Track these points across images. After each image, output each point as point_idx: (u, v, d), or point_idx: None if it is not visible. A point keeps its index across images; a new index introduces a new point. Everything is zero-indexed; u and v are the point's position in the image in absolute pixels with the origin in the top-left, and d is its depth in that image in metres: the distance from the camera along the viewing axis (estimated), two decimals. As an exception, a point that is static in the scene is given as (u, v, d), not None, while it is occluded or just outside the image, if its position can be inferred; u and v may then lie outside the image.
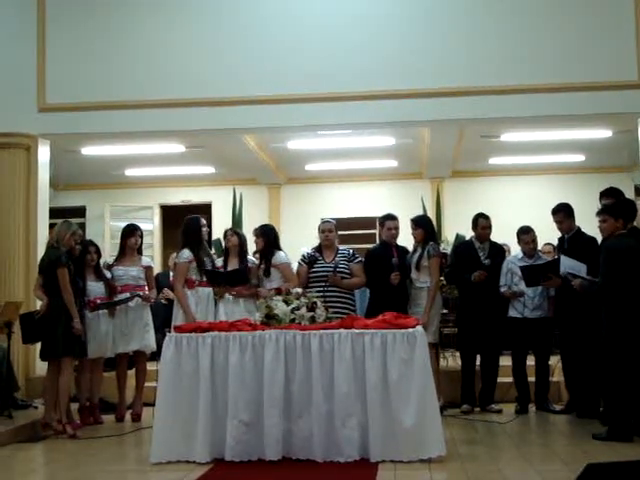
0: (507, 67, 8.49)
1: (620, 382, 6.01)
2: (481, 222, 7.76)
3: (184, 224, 7.63)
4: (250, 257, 7.68)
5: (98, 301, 7.44)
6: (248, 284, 7.28)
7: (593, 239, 7.15)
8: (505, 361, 7.95)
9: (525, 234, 7.66)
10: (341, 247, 7.68)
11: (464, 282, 7.68)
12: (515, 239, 7.82)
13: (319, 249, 7.47)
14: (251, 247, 7.88)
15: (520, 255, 7.70)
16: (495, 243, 7.89)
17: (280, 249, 7.50)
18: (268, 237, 7.44)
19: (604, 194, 7.07)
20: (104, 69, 8.88)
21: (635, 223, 6.48)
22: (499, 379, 7.74)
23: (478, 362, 7.77)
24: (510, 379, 7.72)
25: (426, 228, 7.64)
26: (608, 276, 6.16)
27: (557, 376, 7.77)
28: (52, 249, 7.10)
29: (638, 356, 5.98)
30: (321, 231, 7.47)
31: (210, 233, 7.72)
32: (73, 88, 8.86)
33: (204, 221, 7.62)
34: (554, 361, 7.76)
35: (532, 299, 7.52)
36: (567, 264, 6.83)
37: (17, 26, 9.01)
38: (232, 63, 8.75)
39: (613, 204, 6.52)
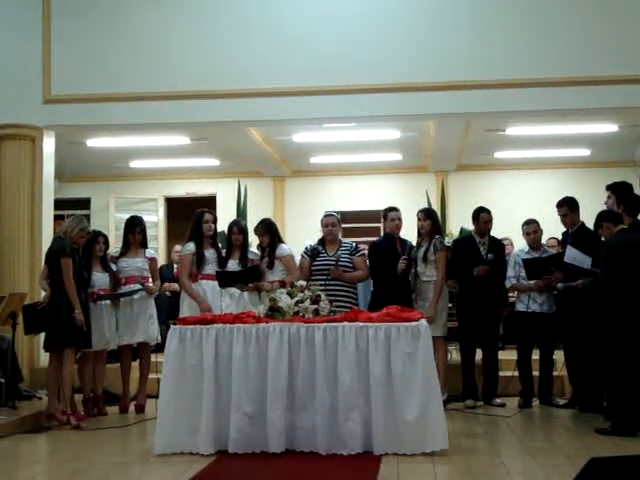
0: (513, 61, 8.47)
1: (623, 377, 6.01)
2: (483, 216, 7.75)
3: (193, 216, 7.64)
4: (252, 249, 7.69)
5: (101, 292, 7.45)
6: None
7: (597, 234, 7.14)
8: (508, 355, 7.95)
9: (526, 225, 7.70)
10: (344, 240, 7.69)
11: (465, 276, 7.67)
12: (519, 233, 7.84)
13: (322, 242, 7.46)
14: (253, 241, 7.90)
15: (526, 248, 7.72)
16: (495, 238, 7.88)
17: (282, 241, 7.51)
18: (272, 232, 7.45)
19: (608, 188, 7.07)
20: (109, 61, 8.88)
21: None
22: (500, 373, 7.74)
23: (479, 356, 7.78)
24: (511, 373, 7.71)
25: (435, 220, 7.66)
26: (607, 272, 6.17)
27: (561, 370, 7.76)
28: (58, 239, 7.12)
29: (639, 351, 5.98)
30: (324, 225, 7.45)
31: (215, 227, 7.66)
32: (78, 80, 8.86)
33: (209, 216, 7.56)
34: (558, 355, 7.76)
35: (539, 293, 7.52)
36: (572, 255, 6.84)
37: (23, 18, 9.00)
38: (237, 55, 8.74)
39: (599, 214, 6.51)
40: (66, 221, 7.29)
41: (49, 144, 9.07)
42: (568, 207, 7.41)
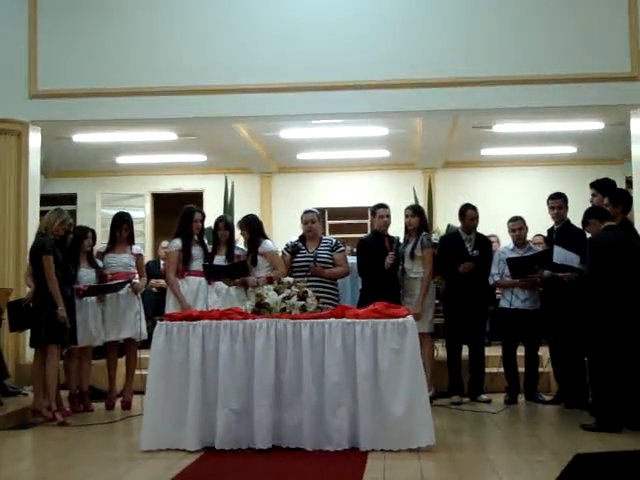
0: (500, 58, 8.50)
1: (608, 374, 6.04)
2: (469, 213, 7.77)
3: (181, 213, 7.64)
4: (239, 245, 7.70)
5: (85, 287, 7.41)
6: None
7: (581, 231, 7.18)
8: (494, 351, 7.98)
9: (512, 221, 7.72)
10: (325, 237, 7.71)
11: (451, 273, 7.68)
12: (506, 230, 7.86)
13: (303, 239, 7.48)
14: (240, 237, 7.90)
15: (511, 245, 7.74)
16: (481, 234, 7.90)
17: (266, 237, 7.51)
18: (252, 227, 7.46)
19: (592, 186, 7.12)
20: (96, 56, 8.84)
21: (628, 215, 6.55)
22: (486, 369, 7.76)
23: (465, 353, 7.80)
24: (497, 369, 7.73)
25: (422, 217, 7.69)
26: (592, 269, 6.20)
27: (546, 367, 7.79)
28: (39, 236, 7.07)
29: (624, 348, 6.02)
30: (304, 222, 7.46)
31: (203, 224, 7.66)
32: (65, 75, 8.83)
33: (199, 215, 7.58)
34: (543, 352, 7.79)
35: (523, 290, 7.54)
36: (560, 254, 6.87)
37: (9, 12, 8.95)
38: (225, 51, 8.73)
39: (587, 210, 6.56)
40: (45, 216, 7.22)
41: (35, 139, 9.02)
42: (563, 200, 7.46)
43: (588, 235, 6.67)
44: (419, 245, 7.48)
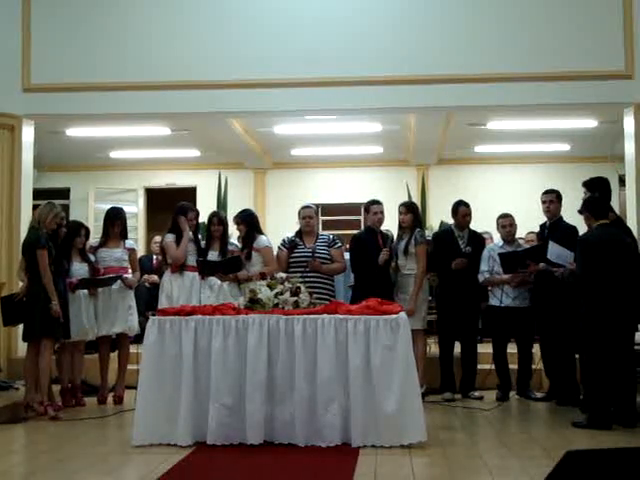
0: (494, 55, 8.50)
1: (599, 371, 6.06)
2: (462, 210, 7.79)
3: (175, 210, 7.63)
4: (233, 241, 7.70)
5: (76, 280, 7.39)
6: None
7: (574, 228, 7.20)
8: (486, 348, 7.99)
9: (502, 218, 7.74)
10: (322, 232, 7.71)
11: (444, 270, 7.69)
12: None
13: (299, 234, 7.48)
14: (234, 233, 7.90)
15: (501, 242, 7.75)
16: (474, 231, 7.91)
17: (262, 233, 7.52)
18: (249, 223, 7.47)
19: (584, 185, 7.13)
20: (89, 50, 8.82)
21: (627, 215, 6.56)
22: (479, 366, 7.78)
23: (457, 349, 7.81)
24: (489, 366, 7.75)
25: (416, 214, 7.70)
26: (583, 267, 6.21)
27: (538, 364, 7.81)
28: (32, 230, 7.05)
29: (614, 345, 6.04)
30: (302, 217, 7.48)
31: (197, 220, 7.66)
32: (58, 69, 8.80)
33: (193, 213, 7.59)
34: (536, 349, 7.81)
35: (513, 288, 7.54)
36: (555, 251, 6.87)
37: (2, 6, 8.90)
38: (219, 46, 8.71)
39: (584, 201, 6.57)
40: (37, 209, 7.20)
41: (28, 133, 8.99)
42: (556, 195, 7.48)
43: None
44: (413, 241, 7.49)
